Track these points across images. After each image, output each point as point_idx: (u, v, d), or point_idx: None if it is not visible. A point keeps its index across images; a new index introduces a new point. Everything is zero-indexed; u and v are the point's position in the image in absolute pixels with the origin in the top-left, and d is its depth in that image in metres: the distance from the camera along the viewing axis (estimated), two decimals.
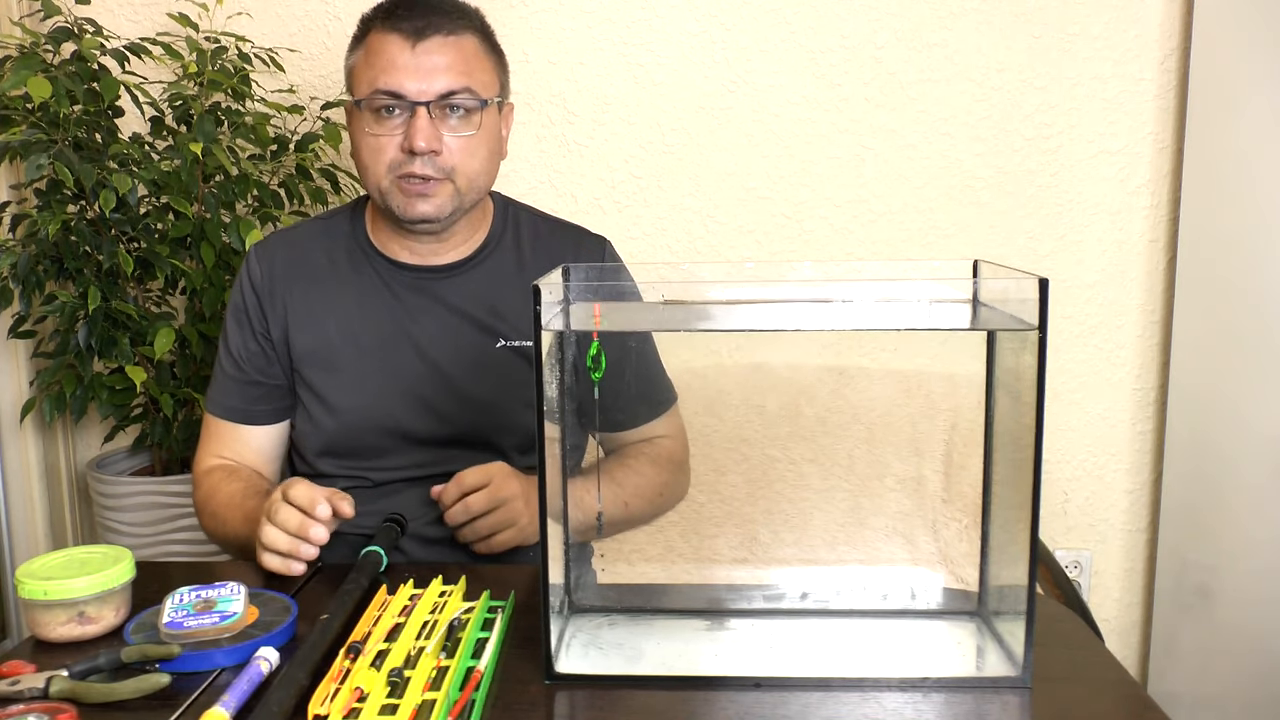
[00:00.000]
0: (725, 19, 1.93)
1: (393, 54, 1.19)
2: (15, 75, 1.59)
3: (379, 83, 1.19)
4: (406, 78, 1.19)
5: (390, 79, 1.19)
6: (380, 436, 1.27)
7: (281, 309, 1.29)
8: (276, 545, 1.06)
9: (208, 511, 1.27)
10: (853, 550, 1.03)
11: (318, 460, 1.30)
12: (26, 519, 2.02)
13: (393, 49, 1.19)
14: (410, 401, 1.26)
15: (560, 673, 0.88)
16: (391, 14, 1.21)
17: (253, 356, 1.29)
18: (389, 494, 1.27)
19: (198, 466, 1.31)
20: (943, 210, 1.97)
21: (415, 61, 1.19)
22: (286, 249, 1.32)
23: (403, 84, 1.19)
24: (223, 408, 1.31)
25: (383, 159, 1.21)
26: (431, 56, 1.19)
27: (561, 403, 0.94)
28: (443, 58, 1.20)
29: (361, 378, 1.27)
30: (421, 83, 1.19)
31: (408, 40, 1.19)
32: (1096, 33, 1.90)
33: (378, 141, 1.21)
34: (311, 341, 1.28)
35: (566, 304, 0.92)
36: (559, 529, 0.94)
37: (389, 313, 1.28)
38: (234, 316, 1.31)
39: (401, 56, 1.19)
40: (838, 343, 1.00)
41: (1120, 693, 0.87)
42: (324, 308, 1.28)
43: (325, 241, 1.32)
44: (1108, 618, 2.08)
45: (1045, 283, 0.81)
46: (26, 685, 0.84)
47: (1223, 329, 1.78)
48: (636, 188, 1.98)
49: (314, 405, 1.28)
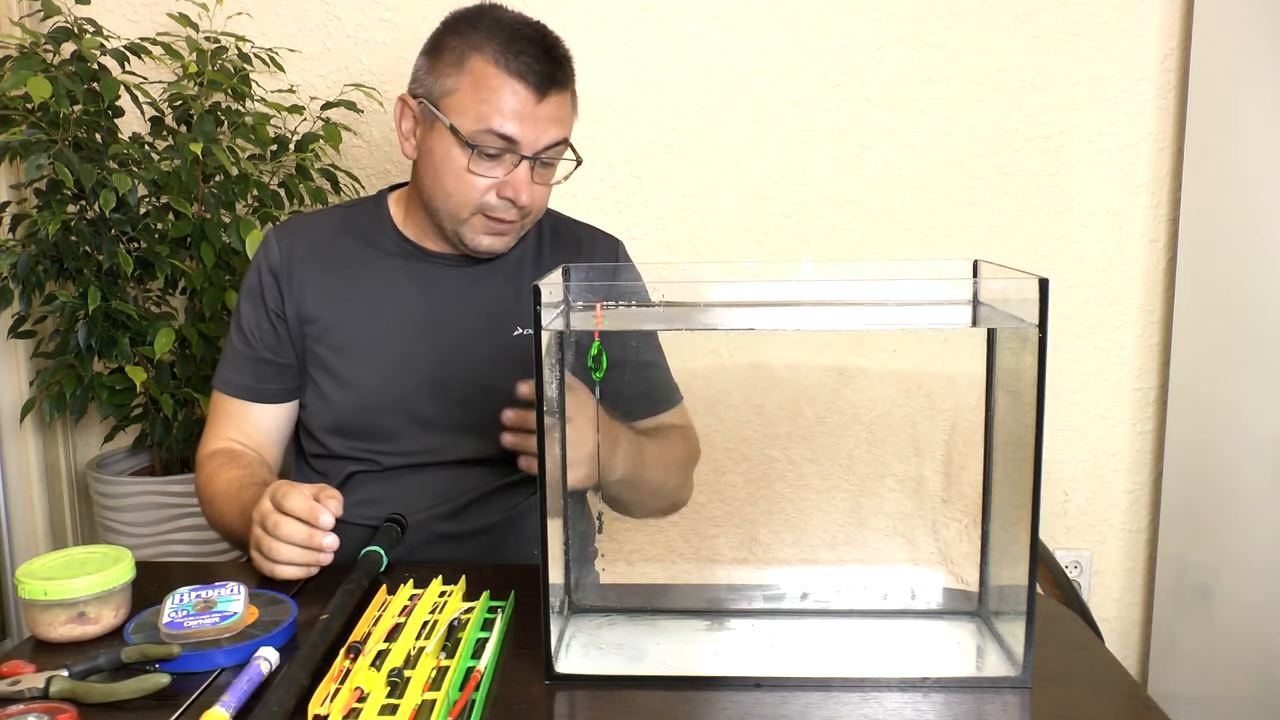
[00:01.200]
0: (725, 19, 1.93)
1: (515, 103, 1.17)
2: (15, 75, 1.59)
3: (494, 124, 1.17)
4: (526, 130, 1.18)
5: (509, 127, 1.18)
6: (393, 418, 1.27)
7: (299, 289, 1.29)
8: (293, 559, 1.06)
9: (205, 497, 1.27)
10: (853, 550, 1.03)
11: (328, 438, 1.30)
12: (26, 519, 2.02)
13: (515, 97, 1.17)
14: (425, 384, 1.27)
15: (560, 673, 0.88)
16: (517, 53, 1.17)
17: (264, 334, 1.30)
18: (394, 479, 1.28)
19: (202, 449, 1.32)
20: (943, 210, 1.97)
21: (536, 113, 1.18)
22: (308, 232, 1.33)
23: (520, 135, 1.18)
24: (232, 385, 1.31)
25: (472, 196, 1.22)
26: (550, 109, 1.19)
27: (561, 402, 0.94)
28: (559, 112, 1.21)
29: (378, 358, 1.28)
30: (538, 135, 1.19)
31: (533, 92, 1.18)
32: (1096, 33, 1.90)
33: (472, 179, 1.21)
34: (330, 321, 1.29)
35: (567, 304, 0.92)
36: (559, 529, 0.94)
37: (410, 297, 1.29)
38: (248, 296, 1.32)
39: (526, 107, 1.18)
40: (838, 343, 1.00)
41: (1120, 693, 0.87)
42: (345, 289, 1.29)
43: (348, 227, 1.33)
44: (1108, 618, 2.08)
45: (1045, 283, 0.81)
46: (26, 685, 0.84)
47: (1223, 329, 1.78)
48: (636, 188, 1.98)
49: (327, 383, 1.29)
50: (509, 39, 1.18)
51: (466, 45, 1.20)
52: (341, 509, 1.08)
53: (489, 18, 1.22)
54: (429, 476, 1.28)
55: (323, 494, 1.08)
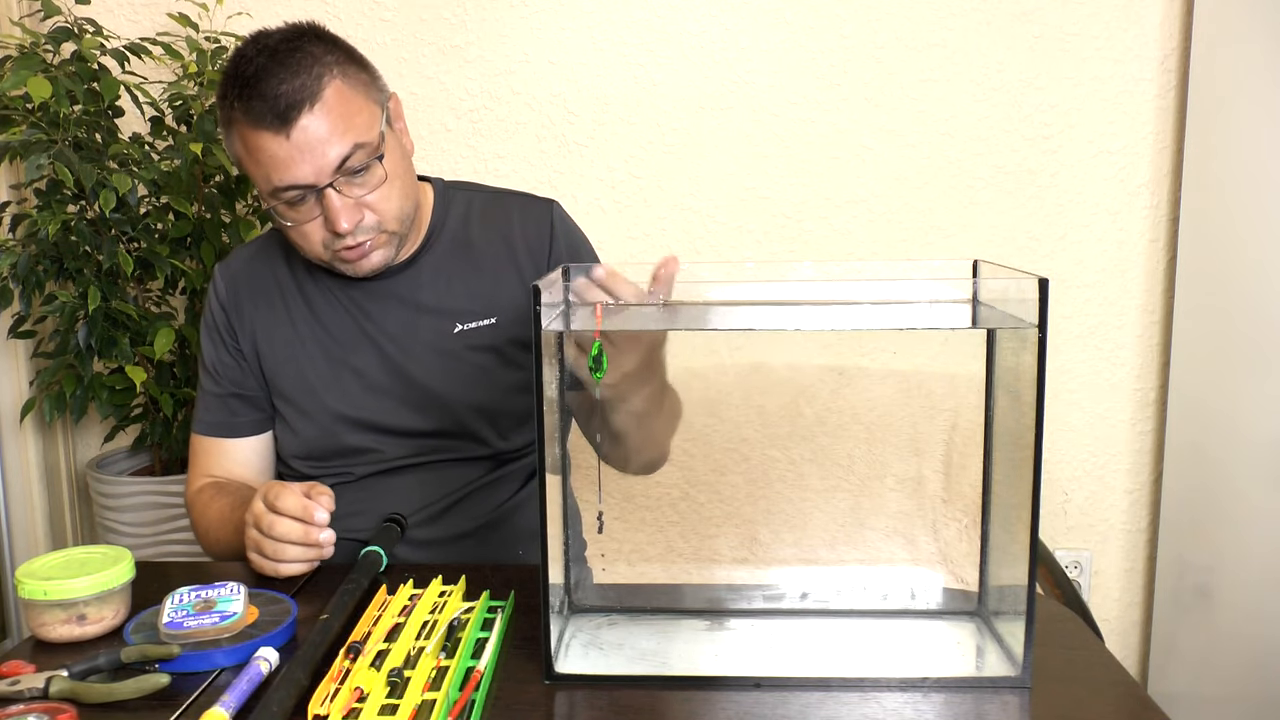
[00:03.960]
0: (725, 19, 1.93)
1: (271, 150, 1.11)
2: (15, 75, 1.59)
3: (274, 180, 1.13)
4: (296, 166, 1.11)
5: (283, 175, 1.12)
6: (357, 435, 1.27)
7: (249, 324, 1.29)
8: (291, 556, 1.07)
9: (201, 530, 1.27)
10: (853, 550, 1.03)
11: (300, 464, 1.30)
12: (26, 519, 2.02)
13: (268, 145, 1.11)
14: (381, 399, 1.26)
15: (560, 673, 0.88)
16: (247, 106, 1.11)
17: (228, 370, 1.30)
18: (373, 486, 1.27)
19: (189, 489, 1.31)
20: (943, 210, 1.97)
21: (296, 149, 1.11)
22: (245, 265, 1.32)
23: (296, 175, 1.12)
24: (206, 424, 1.31)
25: (314, 240, 1.18)
26: (307, 134, 1.10)
27: (561, 402, 0.94)
28: (320, 130, 1.11)
29: (330, 381, 1.27)
30: (314, 165, 1.11)
31: (277, 132, 1.10)
32: (1096, 33, 1.90)
33: (300, 229, 1.17)
34: (279, 351, 1.28)
35: (567, 305, 0.92)
36: (559, 529, 0.94)
37: (348, 316, 1.28)
38: (207, 333, 1.32)
39: (281, 149, 1.11)
40: (838, 343, 1.00)
41: (1120, 693, 0.87)
42: (288, 317, 1.28)
43: (284, 252, 1.31)
44: (1108, 618, 2.08)
45: (1045, 283, 0.81)
46: (26, 685, 0.84)
47: (1223, 329, 1.78)
48: (636, 188, 1.98)
49: (289, 412, 1.28)
50: (239, 94, 1.11)
51: (226, 109, 1.15)
52: (333, 504, 1.08)
53: (228, 77, 1.14)
54: (405, 481, 1.27)
55: (314, 491, 1.08)
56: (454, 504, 1.27)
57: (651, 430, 1.10)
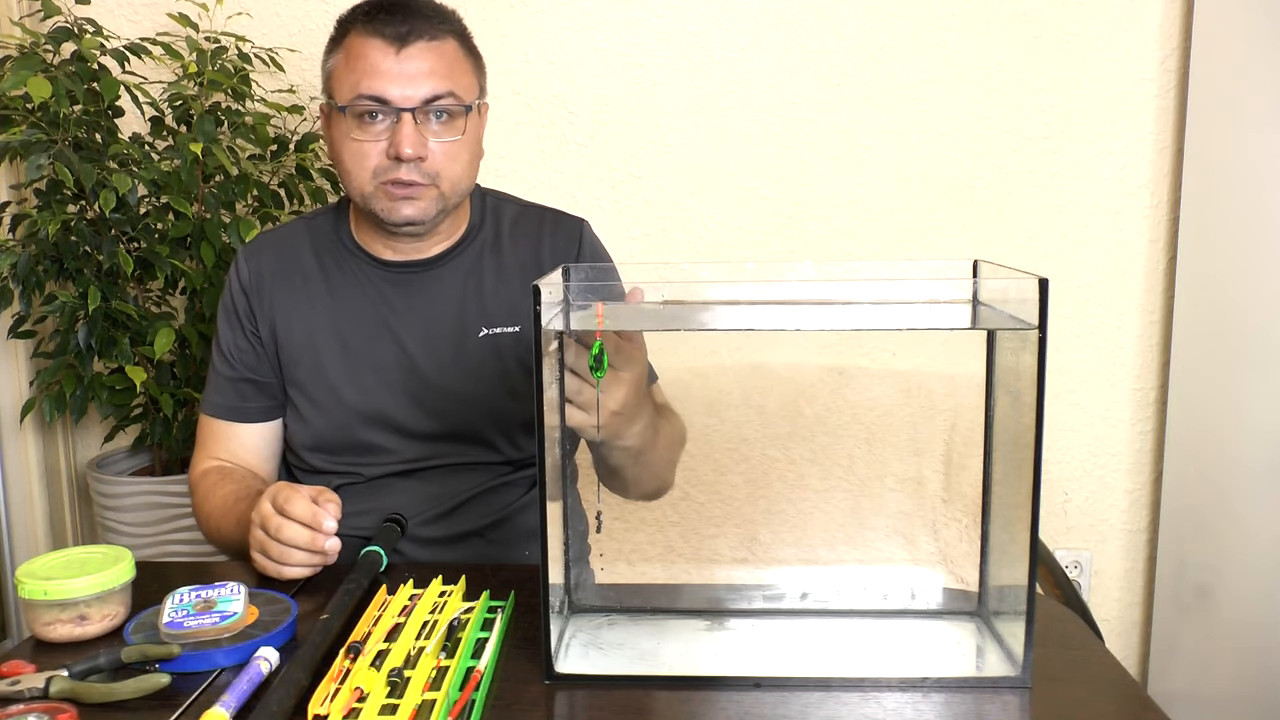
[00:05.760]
0: (725, 19, 1.93)
1: (375, 59, 1.18)
2: (15, 75, 1.59)
3: (362, 88, 1.18)
4: (391, 84, 1.18)
5: (374, 84, 1.18)
6: (369, 431, 1.27)
7: (269, 309, 1.29)
8: (296, 560, 1.07)
9: (202, 515, 1.27)
10: (853, 550, 1.03)
11: (310, 455, 1.30)
12: (26, 519, 2.02)
13: (375, 54, 1.18)
14: (397, 396, 1.27)
15: (560, 673, 0.88)
16: (373, 18, 1.19)
17: (243, 354, 1.30)
18: (380, 489, 1.28)
19: (193, 471, 1.32)
20: (943, 210, 1.97)
21: (400, 67, 1.18)
22: (273, 249, 1.32)
23: (387, 90, 1.18)
24: (216, 406, 1.31)
25: (367, 165, 1.20)
26: (415, 62, 1.18)
27: (561, 402, 0.94)
28: (426, 63, 1.19)
29: (348, 374, 1.27)
30: (407, 88, 1.18)
31: (391, 45, 1.18)
32: (1096, 33, 1.90)
33: (361, 147, 1.20)
34: (299, 340, 1.29)
35: (567, 305, 0.92)
36: (559, 529, 0.94)
37: (373, 309, 1.28)
38: (225, 316, 1.32)
39: (385, 62, 1.18)
40: (838, 343, 1.00)
41: (1120, 693, 0.87)
42: (310, 306, 1.29)
43: (310, 241, 1.32)
44: (1108, 618, 2.08)
45: (1045, 283, 0.81)
46: (26, 685, 0.84)
47: (1223, 329, 1.78)
48: (636, 188, 1.98)
49: (303, 403, 1.29)
50: (372, 8, 1.20)
51: (342, 25, 1.23)
52: (341, 512, 1.08)
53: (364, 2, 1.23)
54: (413, 484, 1.27)
55: (322, 497, 1.08)
56: (460, 504, 1.28)
57: (649, 464, 1.10)
